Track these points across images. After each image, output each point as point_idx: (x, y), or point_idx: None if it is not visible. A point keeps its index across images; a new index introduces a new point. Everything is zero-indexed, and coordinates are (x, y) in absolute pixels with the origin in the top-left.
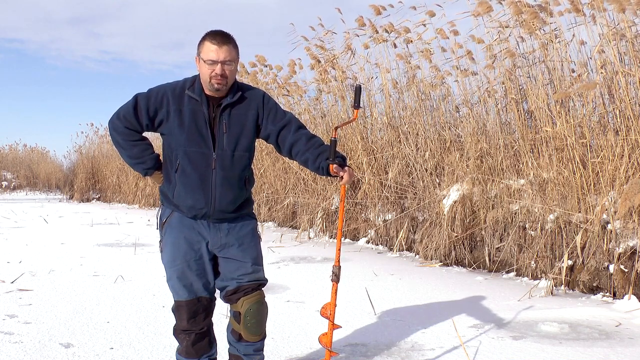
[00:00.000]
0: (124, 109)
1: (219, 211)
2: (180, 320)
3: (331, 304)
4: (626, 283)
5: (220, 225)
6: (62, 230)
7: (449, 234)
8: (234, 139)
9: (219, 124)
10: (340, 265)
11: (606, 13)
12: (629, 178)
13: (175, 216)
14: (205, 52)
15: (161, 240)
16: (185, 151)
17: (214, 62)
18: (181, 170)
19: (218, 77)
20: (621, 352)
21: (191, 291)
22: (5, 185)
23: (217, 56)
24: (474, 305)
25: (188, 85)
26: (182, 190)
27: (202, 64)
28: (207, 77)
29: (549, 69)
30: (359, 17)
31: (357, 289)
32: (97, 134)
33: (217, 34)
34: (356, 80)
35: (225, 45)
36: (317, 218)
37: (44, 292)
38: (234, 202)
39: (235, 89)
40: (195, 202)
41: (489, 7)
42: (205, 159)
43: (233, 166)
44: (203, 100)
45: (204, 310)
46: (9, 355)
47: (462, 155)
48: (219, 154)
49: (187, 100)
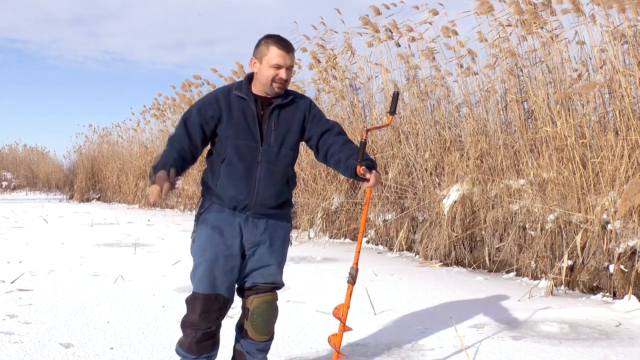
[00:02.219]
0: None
1: (260, 205)
2: (192, 313)
3: (345, 305)
4: (626, 283)
5: (259, 222)
6: (62, 230)
7: (449, 234)
8: (281, 136)
9: (268, 122)
10: (358, 267)
11: (607, 13)
12: (629, 178)
13: (214, 207)
14: (272, 56)
15: (194, 231)
16: (233, 144)
17: (279, 66)
18: (227, 161)
19: (282, 81)
20: (621, 352)
21: (213, 286)
22: (5, 185)
23: (285, 62)
24: (474, 305)
25: (235, 87)
26: (225, 180)
27: (265, 67)
28: (269, 79)
29: (549, 69)
30: (362, 16)
31: (357, 289)
32: (96, 133)
33: (283, 40)
34: (356, 78)
35: (291, 52)
36: (317, 218)
37: (44, 292)
38: (275, 198)
39: (287, 92)
40: (238, 193)
41: (490, 6)
42: (252, 152)
43: (278, 162)
44: (251, 98)
45: (219, 308)
46: (9, 355)
47: (462, 155)
48: (265, 149)
49: (234, 98)
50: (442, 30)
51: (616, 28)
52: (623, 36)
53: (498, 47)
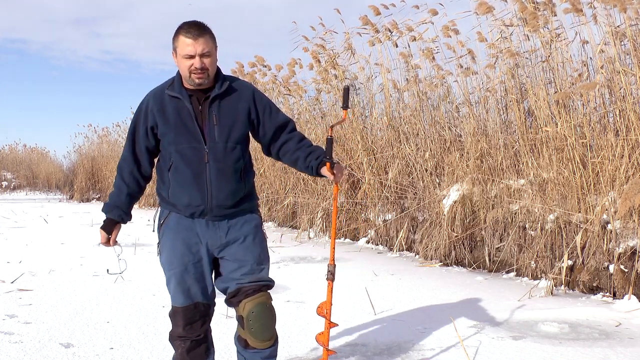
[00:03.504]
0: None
1: (217, 207)
2: (176, 327)
3: (327, 302)
4: (626, 283)
5: (220, 224)
6: (62, 230)
7: (449, 234)
8: (226, 130)
9: (209, 117)
10: (335, 263)
11: (608, 13)
12: (629, 178)
13: (172, 217)
14: (181, 47)
15: (159, 243)
16: (176, 149)
17: (191, 56)
18: (174, 168)
19: (198, 71)
20: (621, 352)
21: (188, 296)
22: (5, 185)
23: (195, 50)
24: (474, 305)
25: (167, 85)
26: (176, 188)
27: (179, 60)
28: (186, 72)
29: (551, 68)
30: (362, 16)
31: (357, 289)
32: (96, 133)
33: (192, 25)
34: (356, 79)
35: (201, 37)
36: (317, 218)
37: (44, 292)
38: (232, 196)
39: (222, 79)
40: (191, 199)
41: (489, 7)
42: (196, 154)
43: (226, 158)
44: (184, 96)
45: (201, 316)
46: (9, 355)
47: (462, 155)
48: (210, 147)
49: (167, 99)
50: (442, 30)
51: (616, 28)
52: (624, 36)
53: (498, 48)
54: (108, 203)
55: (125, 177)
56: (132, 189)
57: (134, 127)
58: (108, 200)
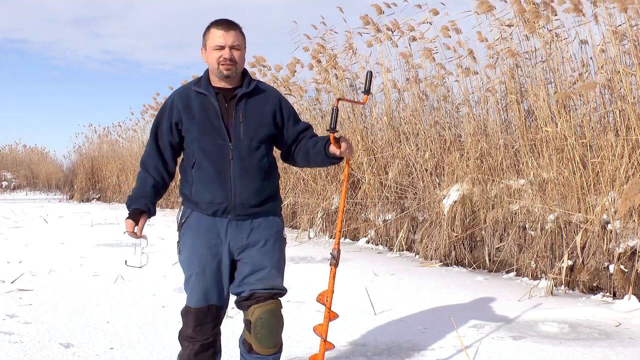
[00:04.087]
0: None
1: (240, 205)
2: (186, 327)
3: (329, 290)
4: (626, 283)
5: (242, 224)
6: (62, 230)
7: (449, 234)
8: (251, 128)
9: (235, 114)
10: (339, 248)
11: (609, 12)
12: (629, 178)
13: (194, 216)
14: (212, 38)
15: (179, 242)
16: (199, 145)
17: (221, 47)
18: (197, 165)
19: (227, 61)
20: (621, 352)
21: (204, 298)
22: (5, 185)
23: (225, 41)
24: (474, 305)
25: (194, 83)
26: (199, 185)
27: (209, 52)
28: (215, 64)
29: (550, 68)
30: (363, 15)
31: (357, 289)
32: (96, 133)
33: (222, 20)
34: (356, 78)
35: (232, 30)
36: (317, 218)
37: (44, 292)
38: (256, 195)
39: (249, 79)
40: (214, 196)
41: (490, 6)
42: (221, 151)
43: (251, 157)
44: (211, 93)
45: (213, 319)
46: (9, 355)
47: (462, 155)
48: (235, 144)
49: (194, 96)
50: (442, 30)
51: (617, 28)
52: (624, 36)
53: (498, 47)
54: (132, 195)
55: (151, 171)
56: (158, 182)
57: (157, 122)
58: (132, 193)
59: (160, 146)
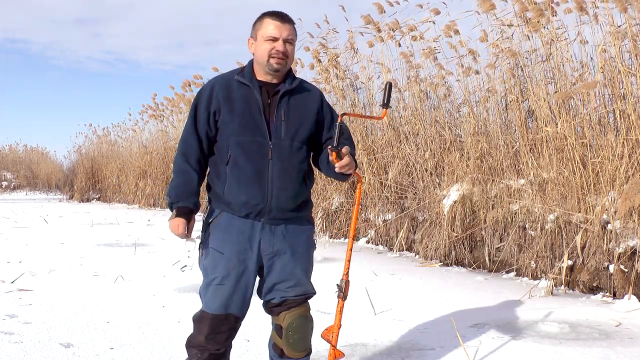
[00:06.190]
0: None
1: (276, 208)
2: (198, 333)
3: (335, 325)
4: (626, 283)
5: (276, 229)
6: (62, 230)
7: (449, 234)
8: (293, 128)
9: (277, 112)
10: (348, 279)
11: (609, 12)
12: (629, 178)
13: (223, 217)
14: (266, 28)
15: (202, 242)
16: (237, 141)
17: (275, 39)
18: (233, 163)
19: (280, 54)
20: (621, 352)
21: (224, 306)
22: (5, 185)
23: (280, 33)
24: (474, 305)
25: (237, 72)
26: (234, 184)
27: (260, 43)
28: (265, 56)
29: (551, 68)
30: (365, 15)
31: (357, 289)
32: (95, 133)
33: (277, 12)
34: (357, 78)
35: (287, 23)
36: (317, 218)
37: (44, 292)
38: (293, 199)
39: (293, 76)
40: (250, 197)
41: (492, 4)
42: (260, 149)
43: (292, 158)
44: (255, 85)
45: (229, 329)
46: (9, 355)
47: (462, 155)
48: (275, 144)
49: (236, 86)
50: (443, 30)
51: (617, 28)
52: (625, 36)
53: (499, 47)
54: (177, 191)
55: (193, 164)
56: (201, 178)
57: (194, 111)
58: (175, 189)
59: (200, 136)
